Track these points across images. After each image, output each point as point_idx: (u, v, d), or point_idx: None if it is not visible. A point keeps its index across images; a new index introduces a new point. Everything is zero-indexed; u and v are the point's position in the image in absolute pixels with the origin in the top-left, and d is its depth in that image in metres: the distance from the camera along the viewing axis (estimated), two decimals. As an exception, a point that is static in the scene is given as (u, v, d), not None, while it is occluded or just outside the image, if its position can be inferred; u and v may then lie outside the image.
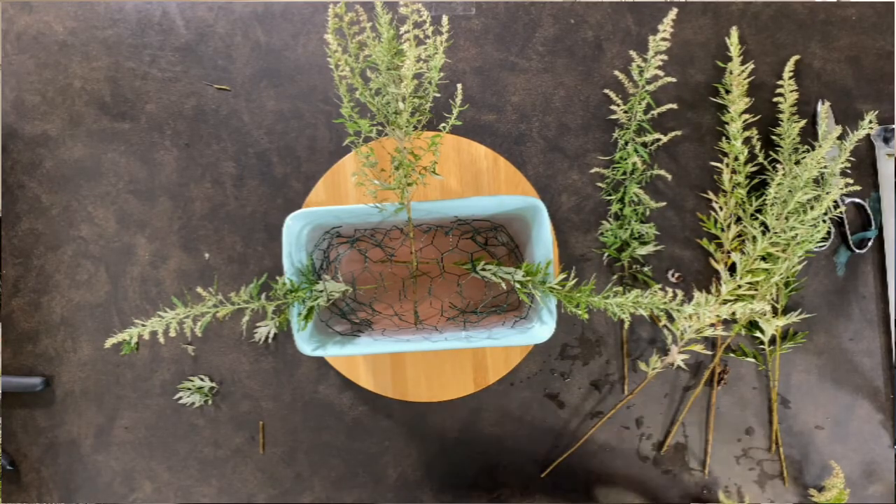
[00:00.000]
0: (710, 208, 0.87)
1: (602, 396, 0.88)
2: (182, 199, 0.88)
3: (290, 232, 0.73)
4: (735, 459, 0.88)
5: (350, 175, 0.86)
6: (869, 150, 0.88)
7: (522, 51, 0.88)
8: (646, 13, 0.88)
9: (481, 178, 0.86)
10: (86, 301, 0.88)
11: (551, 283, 0.72)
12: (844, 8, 0.89)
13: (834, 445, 0.88)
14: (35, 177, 0.88)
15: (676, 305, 0.70)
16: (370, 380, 0.86)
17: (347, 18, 0.63)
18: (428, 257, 0.85)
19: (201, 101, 0.88)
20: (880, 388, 0.88)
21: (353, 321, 0.85)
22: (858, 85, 0.88)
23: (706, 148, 0.88)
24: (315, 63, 0.88)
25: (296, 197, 0.88)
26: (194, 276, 0.88)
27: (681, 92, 0.88)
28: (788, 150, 0.84)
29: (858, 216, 0.89)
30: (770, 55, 0.88)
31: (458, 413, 0.88)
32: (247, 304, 0.71)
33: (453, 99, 0.67)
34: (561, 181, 0.88)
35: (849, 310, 0.88)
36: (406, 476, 0.88)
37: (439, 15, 0.65)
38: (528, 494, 0.88)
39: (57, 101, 0.89)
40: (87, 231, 0.88)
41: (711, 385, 0.87)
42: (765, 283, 0.81)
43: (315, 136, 0.88)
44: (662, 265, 0.88)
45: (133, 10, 0.88)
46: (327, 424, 0.88)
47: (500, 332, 0.76)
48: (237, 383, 0.88)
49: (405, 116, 0.65)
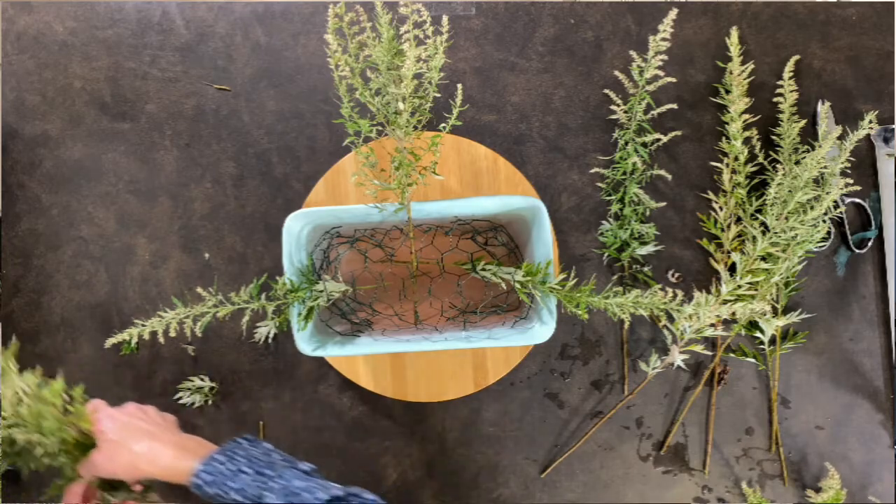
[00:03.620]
0: (710, 208, 0.87)
1: (602, 396, 0.88)
2: (182, 199, 0.88)
3: (290, 232, 0.73)
4: (735, 459, 0.88)
5: (350, 175, 0.86)
6: (869, 150, 0.88)
7: (522, 51, 0.88)
8: (646, 13, 0.88)
9: (481, 178, 0.86)
10: (86, 301, 0.88)
11: (551, 283, 0.72)
12: (844, 8, 0.89)
13: (834, 445, 0.88)
14: (35, 177, 0.88)
15: (676, 305, 0.70)
16: (370, 380, 0.86)
17: (347, 18, 0.63)
18: (428, 257, 0.85)
19: (201, 101, 0.88)
20: (880, 388, 0.88)
21: (353, 321, 0.85)
22: (858, 85, 0.88)
23: (706, 148, 0.88)
24: (315, 63, 0.88)
25: (296, 197, 0.88)
26: (194, 276, 0.88)
27: (681, 92, 0.88)
28: (788, 150, 0.84)
29: (858, 216, 0.89)
30: (770, 55, 0.88)
31: (458, 413, 0.88)
32: (247, 304, 0.71)
33: (453, 99, 0.67)
34: (561, 181, 0.88)
35: (849, 310, 0.88)
36: (406, 476, 0.88)
37: (439, 15, 0.65)
38: (528, 494, 0.88)
39: (57, 101, 0.88)
40: (87, 231, 0.88)
41: (711, 385, 0.87)
42: (765, 283, 0.81)
43: (315, 136, 0.88)
44: (662, 265, 0.88)
45: (133, 10, 0.88)
46: (327, 424, 0.88)
47: (500, 332, 0.76)
48: (237, 383, 0.88)
49: (405, 116, 0.65)
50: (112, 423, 0.66)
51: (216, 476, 0.60)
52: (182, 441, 0.65)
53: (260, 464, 0.61)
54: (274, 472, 0.60)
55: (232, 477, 0.60)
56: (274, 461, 0.62)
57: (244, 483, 0.59)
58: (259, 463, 0.61)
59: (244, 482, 0.59)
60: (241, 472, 0.60)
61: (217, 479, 0.60)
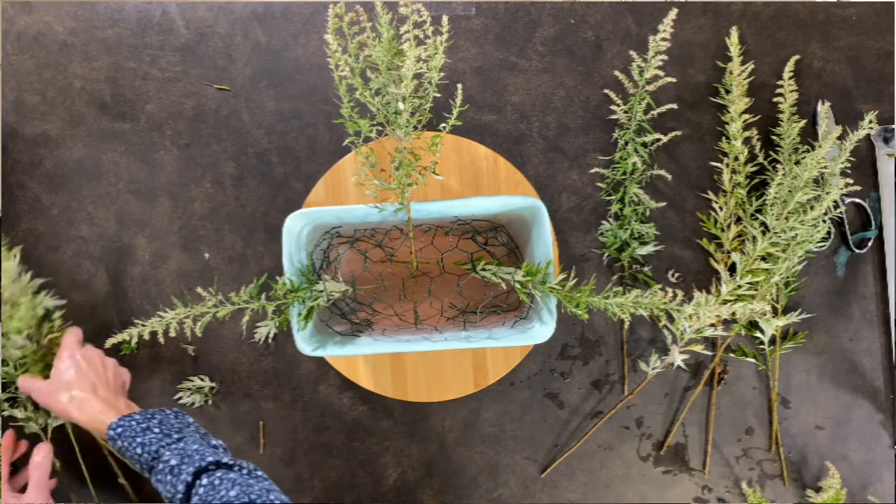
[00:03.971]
0: (710, 208, 0.87)
1: (602, 396, 0.88)
2: (182, 199, 0.88)
3: (290, 232, 0.73)
4: (735, 459, 0.88)
5: (350, 175, 0.86)
6: (869, 150, 0.88)
7: (522, 51, 0.88)
8: (646, 13, 0.88)
9: (481, 178, 0.86)
10: (86, 301, 0.88)
11: (551, 283, 0.72)
12: (844, 8, 0.89)
13: (834, 445, 0.88)
14: (35, 177, 0.88)
15: (676, 305, 0.70)
16: (370, 380, 0.86)
17: (347, 18, 0.63)
18: (428, 257, 0.85)
19: (201, 101, 0.88)
20: (880, 388, 0.88)
21: (353, 321, 0.85)
22: (858, 85, 0.88)
23: (706, 148, 0.88)
24: (315, 63, 0.88)
25: (296, 197, 0.88)
26: (194, 276, 0.88)
27: (681, 92, 0.88)
28: (788, 150, 0.84)
29: (858, 216, 0.89)
30: (770, 55, 0.88)
31: (458, 413, 0.88)
32: (247, 304, 0.71)
33: (453, 99, 0.67)
34: (561, 181, 0.88)
35: (849, 310, 0.88)
36: (406, 476, 0.88)
37: (439, 15, 0.65)
38: (528, 494, 0.88)
39: (57, 101, 0.88)
40: (87, 231, 0.88)
41: (711, 385, 0.87)
42: (765, 283, 0.81)
43: (315, 136, 0.88)
44: (662, 265, 0.88)
45: (133, 10, 0.88)
46: (327, 424, 0.88)
47: (500, 332, 0.76)
48: (237, 383, 0.88)
49: (405, 116, 0.65)
50: (70, 364, 0.74)
51: (126, 429, 0.68)
52: (114, 401, 0.73)
53: (170, 429, 0.69)
54: (178, 436, 0.68)
55: (140, 434, 0.67)
56: (186, 431, 0.70)
57: (148, 439, 0.67)
58: (170, 427, 0.69)
59: (148, 439, 0.67)
60: (149, 430, 0.68)
61: (126, 433, 0.68)
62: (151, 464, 0.66)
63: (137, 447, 0.67)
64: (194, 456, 0.65)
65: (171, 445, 0.66)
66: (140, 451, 0.66)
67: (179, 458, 0.64)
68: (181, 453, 0.65)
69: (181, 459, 0.64)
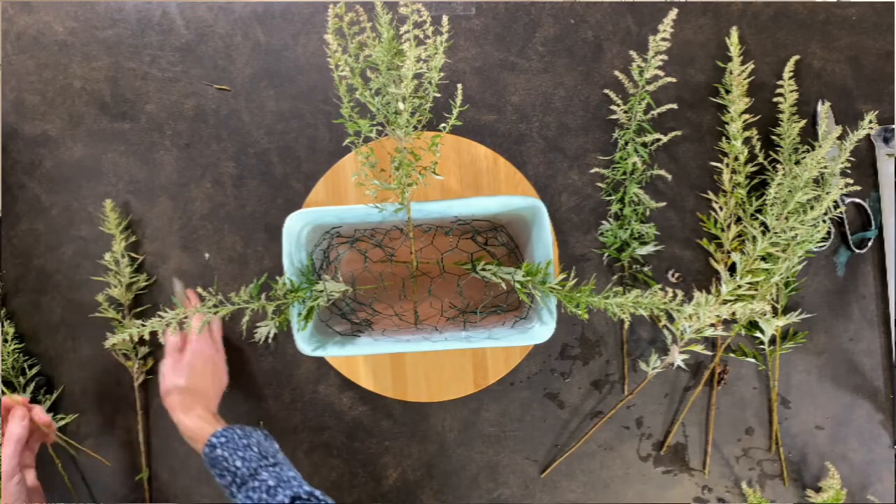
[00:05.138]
0: (710, 208, 0.87)
1: (602, 396, 0.88)
2: (182, 199, 0.88)
3: (290, 232, 0.73)
4: (735, 459, 0.88)
5: (350, 175, 0.86)
6: (869, 150, 0.88)
7: (522, 51, 0.88)
8: (646, 13, 0.88)
9: (481, 178, 0.86)
10: (86, 301, 0.88)
11: (551, 283, 0.72)
12: (844, 8, 0.89)
13: (834, 445, 0.88)
14: (35, 177, 0.88)
15: (676, 305, 0.70)
16: (370, 380, 0.86)
17: (347, 18, 0.63)
18: (428, 257, 0.85)
19: (201, 101, 0.88)
20: (880, 388, 0.88)
21: (353, 321, 0.85)
22: (858, 85, 0.88)
23: (706, 148, 0.88)
24: (315, 63, 0.88)
25: (296, 197, 0.88)
26: (194, 276, 0.88)
27: (681, 92, 0.88)
28: (788, 150, 0.84)
29: (858, 216, 0.89)
30: (770, 55, 0.88)
31: (458, 413, 0.88)
32: (247, 304, 0.71)
33: (453, 99, 0.67)
34: (561, 181, 0.88)
35: (849, 310, 0.88)
36: (406, 476, 0.88)
37: (439, 15, 0.65)
38: (528, 494, 0.88)
39: (57, 101, 0.88)
40: (87, 231, 0.88)
41: (711, 385, 0.87)
42: (765, 283, 0.81)
43: (315, 136, 0.88)
44: (662, 265, 0.88)
45: (133, 10, 0.88)
46: (327, 424, 0.88)
47: (500, 332, 0.76)
48: (237, 383, 0.88)
49: (405, 116, 0.65)
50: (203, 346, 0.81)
51: (229, 440, 0.71)
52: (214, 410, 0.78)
53: (266, 451, 0.72)
54: (274, 461, 0.71)
55: (242, 448, 0.71)
56: (278, 457, 0.73)
57: (248, 455, 0.70)
58: (265, 451, 0.72)
59: (248, 455, 0.70)
60: (250, 447, 0.71)
61: (229, 444, 0.71)
62: (246, 479, 0.69)
63: (238, 460, 0.70)
64: (291, 482, 0.68)
65: (269, 468, 0.70)
66: (240, 465, 0.69)
67: (276, 480, 0.68)
68: (278, 477, 0.68)
69: (278, 482, 0.68)
